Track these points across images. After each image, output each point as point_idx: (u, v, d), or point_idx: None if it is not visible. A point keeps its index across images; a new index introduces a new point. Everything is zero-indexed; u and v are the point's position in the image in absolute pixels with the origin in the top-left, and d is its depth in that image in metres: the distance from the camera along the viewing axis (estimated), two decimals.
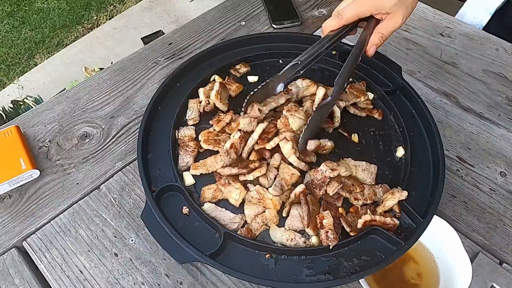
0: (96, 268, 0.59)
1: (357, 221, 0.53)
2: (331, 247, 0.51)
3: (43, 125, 0.76)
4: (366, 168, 0.59)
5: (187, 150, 0.60)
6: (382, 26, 0.63)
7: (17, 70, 2.33)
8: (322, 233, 0.51)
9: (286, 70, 0.61)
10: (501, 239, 0.64)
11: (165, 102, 0.67)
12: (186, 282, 0.58)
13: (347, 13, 0.62)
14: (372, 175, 0.59)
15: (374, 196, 0.57)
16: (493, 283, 0.59)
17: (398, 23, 0.62)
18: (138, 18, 2.58)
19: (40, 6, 2.65)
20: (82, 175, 0.69)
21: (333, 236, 0.51)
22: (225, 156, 0.57)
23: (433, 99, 0.82)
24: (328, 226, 0.51)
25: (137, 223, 0.64)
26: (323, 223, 0.52)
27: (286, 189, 0.56)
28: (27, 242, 0.62)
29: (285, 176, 0.56)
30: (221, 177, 0.55)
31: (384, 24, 0.62)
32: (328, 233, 0.51)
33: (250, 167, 0.55)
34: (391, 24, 0.62)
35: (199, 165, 0.58)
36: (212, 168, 0.57)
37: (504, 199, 0.68)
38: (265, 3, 0.99)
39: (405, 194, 0.55)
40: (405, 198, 0.55)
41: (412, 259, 0.59)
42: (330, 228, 0.51)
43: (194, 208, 0.55)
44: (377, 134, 0.65)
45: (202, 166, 0.58)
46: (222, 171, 0.56)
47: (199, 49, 0.89)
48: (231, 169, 0.55)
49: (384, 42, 0.63)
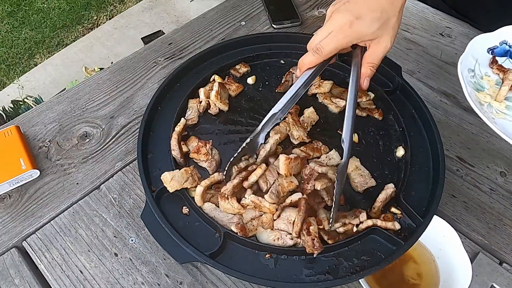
0: (96, 268, 0.59)
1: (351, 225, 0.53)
2: (315, 256, 0.50)
3: (43, 125, 0.76)
4: (365, 176, 0.58)
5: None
6: (370, 54, 0.57)
7: (17, 70, 2.33)
8: (308, 240, 0.50)
9: (263, 124, 0.56)
10: (501, 239, 0.64)
11: (165, 102, 0.67)
12: (186, 282, 0.58)
13: (326, 48, 0.55)
14: (364, 186, 0.58)
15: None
16: (493, 283, 0.59)
17: (387, 47, 0.56)
18: (138, 18, 2.58)
19: (40, 6, 2.65)
20: (82, 175, 0.69)
21: (318, 244, 0.49)
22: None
23: (433, 99, 0.82)
24: (314, 234, 0.50)
25: (137, 223, 0.64)
26: (310, 230, 0.51)
27: (282, 196, 0.54)
28: (27, 242, 0.62)
29: (283, 183, 0.55)
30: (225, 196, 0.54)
31: (371, 52, 0.57)
32: (314, 240, 0.49)
33: (249, 170, 0.55)
34: (379, 50, 0.56)
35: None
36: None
37: (504, 199, 0.68)
38: (265, 3, 0.99)
39: (391, 186, 0.56)
40: (395, 191, 0.56)
41: (412, 259, 0.59)
42: (315, 235, 0.50)
43: (194, 208, 0.55)
44: (377, 134, 0.65)
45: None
46: (225, 189, 0.54)
47: (199, 49, 0.89)
48: (232, 182, 0.54)
49: (376, 70, 0.59)
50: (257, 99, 0.69)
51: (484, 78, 0.66)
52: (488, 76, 0.67)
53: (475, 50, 0.68)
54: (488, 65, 0.68)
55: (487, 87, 0.65)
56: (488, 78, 0.67)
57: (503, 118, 0.61)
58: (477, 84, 0.64)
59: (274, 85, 0.70)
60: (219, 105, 0.65)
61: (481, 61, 0.68)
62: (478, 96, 0.62)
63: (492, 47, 0.69)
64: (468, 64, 0.66)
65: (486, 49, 0.69)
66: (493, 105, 0.62)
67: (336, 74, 0.72)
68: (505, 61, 0.69)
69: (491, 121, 0.57)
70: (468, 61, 0.66)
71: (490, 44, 0.70)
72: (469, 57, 0.67)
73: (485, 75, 0.67)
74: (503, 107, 0.63)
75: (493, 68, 0.68)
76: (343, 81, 0.71)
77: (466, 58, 0.66)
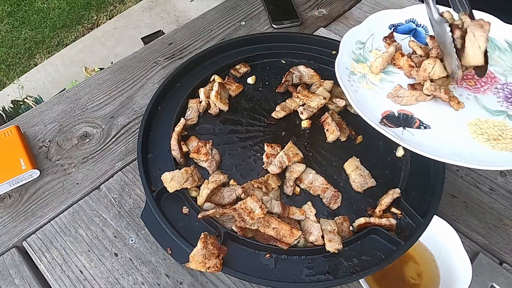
0: (96, 268, 0.59)
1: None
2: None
3: (43, 125, 0.76)
4: (365, 176, 0.58)
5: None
6: None
7: (17, 70, 2.33)
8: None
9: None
10: (501, 239, 0.64)
11: (165, 102, 0.67)
12: (186, 282, 0.58)
13: None
14: (365, 186, 0.58)
15: (333, 203, 0.56)
16: (493, 283, 0.59)
17: None
18: (138, 18, 2.58)
19: (40, 6, 2.65)
20: (82, 175, 0.69)
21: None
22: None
23: None
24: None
25: (137, 223, 0.64)
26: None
27: (287, 165, 0.57)
28: (27, 242, 0.62)
29: (289, 153, 0.58)
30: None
31: None
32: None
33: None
34: None
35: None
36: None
37: (504, 199, 0.68)
38: (265, 3, 0.99)
39: (397, 191, 0.56)
40: (400, 196, 0.56)
41: (412, 259, 0.59)
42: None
43: (194, 208, 0.55)
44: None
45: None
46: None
47: (199, 49, 0.89)
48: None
49: None
50: (257, 99, 0.69)
51: (373, 52, 0.62)
52: (378, 50, 0.63)
53: (374, 24, 0.64)
54: (382, 39, 0.64)
55: (371, 60, 0.61)
56: (377, 52, 0.62)
57: (370, 89, 0.57)
58: (361, 56, 0.61)
59: (274, 85, 0.70)
60: (219, 105, 0.65)
61: (377, 36, 0.64)
62: (354, 66, 0.59)
63: (396, 23, 0.65)
64: (359, 36, 0.63)
65: (388, 25, 0.65)
66: (367, 76, 0.59)
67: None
68: (404, 39, 0.64)
69: (350, 89, 0.55)
70: (361, 32, 0.63)
71: (394, 21, 0.66)
72: (364, 29, 0.63)
73: (376, 49, 0.63)
74: (377, 80, 0.59)
75: (386, 42, 0.63)
76: None
77: (360, 29, 0.63)
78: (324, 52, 0.74)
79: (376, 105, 0.55)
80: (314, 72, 0.71)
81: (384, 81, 0.59)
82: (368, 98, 0.56)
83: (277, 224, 0.51)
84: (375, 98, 0.56)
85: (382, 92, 0.57)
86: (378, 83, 0.58)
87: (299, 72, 0.71)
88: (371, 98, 0.56)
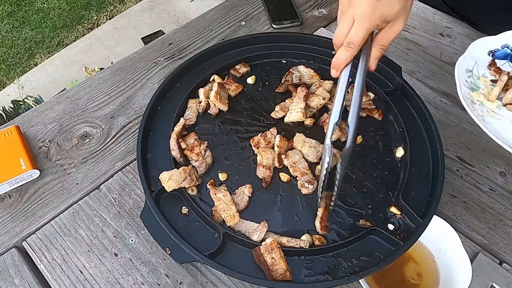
0: (96, 268, 0.60)
1: None
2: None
3: (43, 125, 0.76)
4: (315, 146, 0.61)
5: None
6: (381, 36, 0.55)
7: (17, 70, 2.33)
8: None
9: (329, 137, 0.53)
10: (501, 239, 0.64)
11: (165, 102, 0.67)
12: (186, 282, 0.58)
13: (356, 38, 0.52)
14: (318, 153, 0.60)
15: (305, 188, 0.58)
16: (493, 283, 0.59)
17: (399, 30, 0.54)
18: (138, 18, 2.58)
19: (40, 6, 2.66)
20: (82, 175, 0.69)
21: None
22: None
23: (433, 99, 0.82)
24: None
25: (137, 223, 0.64)
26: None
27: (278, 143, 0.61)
28: (27, 242, 0.62)
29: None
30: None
31: (383, 33, 0.55)
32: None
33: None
34: (392, 32, 0.54)
35: None
36: None
37: (504, 199, 0.68)
38: (265, 3, 0.99)
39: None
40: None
41: (412, 259, 0.59)
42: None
43: (193, 208, 0.55)
44: (377, 134, 0.65)
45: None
46: None
47: (199, 49, 0.89)
48: None
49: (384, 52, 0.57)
50: (257, 99, 0.69)
51: (480, 79, 0.68)
52: (485, 77, 0.68)
53: (475, 52, 0.69)
54: (487, 66, 0.70)
55: (482, 87, 0.67)
56: (484, 79, 0.68)
57: (493, 116, 0.62)
58: (473, 84, 0.66)
59: (274, 85, 0.70)
60: (218, 105, 0.65)
61: (480, 63, 0.70)
62: (471, 95, 0.64)
63: (493, 50, 0.71)
64: (467, 65, 0.68)
65: (487, 52, 0.71)
66: (485, 104, 0.64)
67: None
68: (504, 64, 0.70)
69: (479, 118, 0.59)
70: (467, 61, 0.68)
71: (491, 47, 0.71)
72: (469, 57, 0.68)
73: (482, 76, 0.68)
74: (495, 107, 0.64)
75: (491, 69, 0.69)
76: None
77: (465, 58, 0.68)
78: (324, 52, 0.74)
79: (507, 133, 0.59)
80: (314, 72, 0.71)
81: (500, 107, 0.64)
82: (496, 126, 0.60)
83: (278, 257, 0.50)
84: (503, 126, 0.61)
85: (504, 119, 0.62)
86: (497, 110, 0.64)
87: (299, 72, 0.71)
88: (499, 126, 0.61)
